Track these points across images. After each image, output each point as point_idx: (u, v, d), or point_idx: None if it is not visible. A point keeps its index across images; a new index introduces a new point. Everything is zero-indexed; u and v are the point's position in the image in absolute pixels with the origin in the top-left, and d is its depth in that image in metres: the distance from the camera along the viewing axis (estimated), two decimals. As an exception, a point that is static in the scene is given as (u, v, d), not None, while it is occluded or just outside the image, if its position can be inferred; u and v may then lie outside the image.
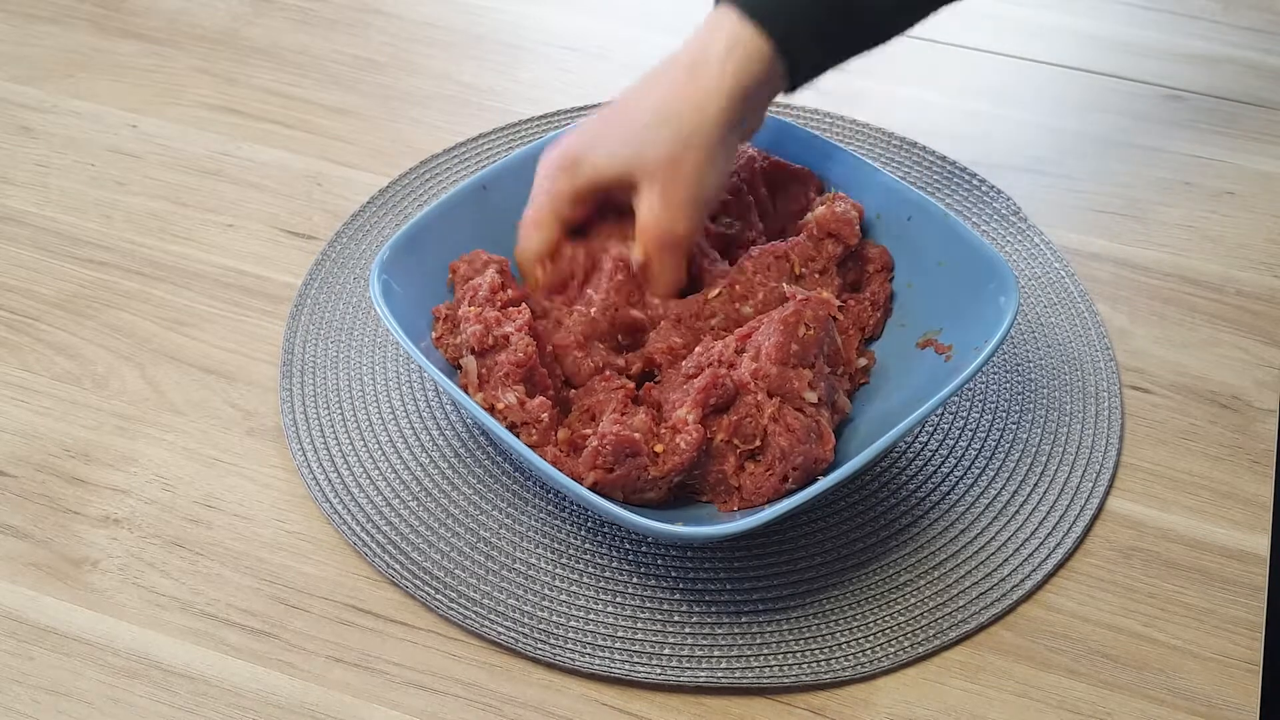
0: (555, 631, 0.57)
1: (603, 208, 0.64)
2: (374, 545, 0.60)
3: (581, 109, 0.84)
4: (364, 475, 0.63)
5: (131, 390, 0.68)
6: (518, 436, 0.58)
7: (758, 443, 0.57)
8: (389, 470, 0.64)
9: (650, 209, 0.60)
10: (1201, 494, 0.64)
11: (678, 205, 0.60)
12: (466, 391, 0.59)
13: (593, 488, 0.56)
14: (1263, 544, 0.62)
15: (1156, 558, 0.62)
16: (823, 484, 0.54)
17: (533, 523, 0.62)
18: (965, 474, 0.64)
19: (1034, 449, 0.65)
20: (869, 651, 0.57)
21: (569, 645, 0.57)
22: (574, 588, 0.59)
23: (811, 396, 0.58)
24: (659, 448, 0.57)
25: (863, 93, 0.86)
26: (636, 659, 0.57)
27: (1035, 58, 0.91)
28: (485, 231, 0.66)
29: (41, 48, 0.89)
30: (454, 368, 0.61)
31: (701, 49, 0.60)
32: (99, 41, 0.90)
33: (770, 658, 0.57)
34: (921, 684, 0.57)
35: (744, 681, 0.56)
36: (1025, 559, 0.61)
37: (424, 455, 0.64)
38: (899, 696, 0.57)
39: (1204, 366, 0.70)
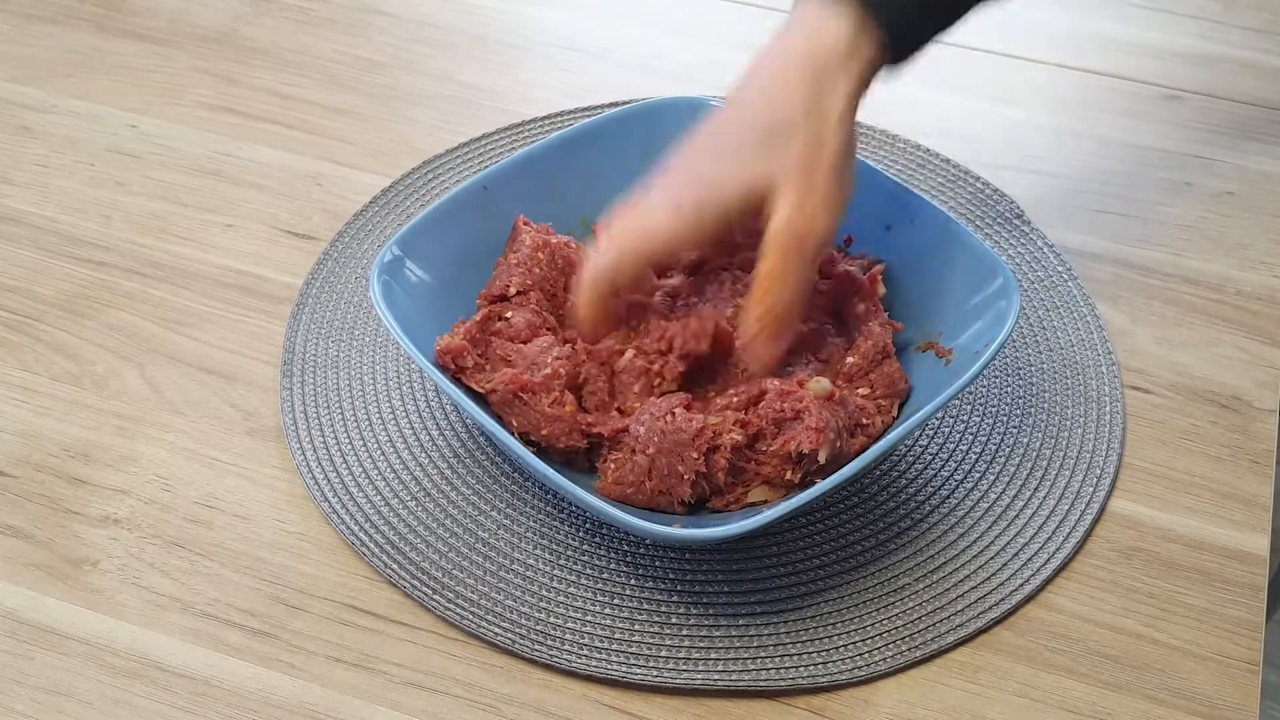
0: (553, 633, 0.57)
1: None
2: (373, 546, 0.60)
3: (582, 109, 0.84)
4: (363, 476, 0.63)
5: (131, 390, 0.68)
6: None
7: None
8: (388, 471, 0.64)
9: (789, 207, 0.56)
10: (1201, 494, 0.64)
11: (819, 201, 0.56)
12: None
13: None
14: (1263, 544, 0.62)
15: (1156, 558, 0.62)
16: (822, 486, 0.54)
17: (531, 524, 0.62)
18: (965, 477, 0.64)
19: (1035, 453, 0.65)
20: (867, 655, 0.57)
21: (566, 646, 0.57)
22: (572, 589, 0.59)
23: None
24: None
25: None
26: (634, 661, 0.57)
27: (1035, 58, 0.91)
28: (486, 232, 0.66)
29: (41, 48, 0.89)
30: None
31: (823, 51, 0.57)
32: (99, 41, 0.90)
33: (768, 660, 0.57)
34: (922, 684, 0.57)
35: (741, 684, 0.56)
36: (1025, 563, 0.61)
37: (423, 456, 0.64)
38: (899, 697, 0.57)
39: (1204, 366, 0.70)
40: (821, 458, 0.56)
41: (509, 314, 0.62)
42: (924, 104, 0.86)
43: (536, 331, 0.62)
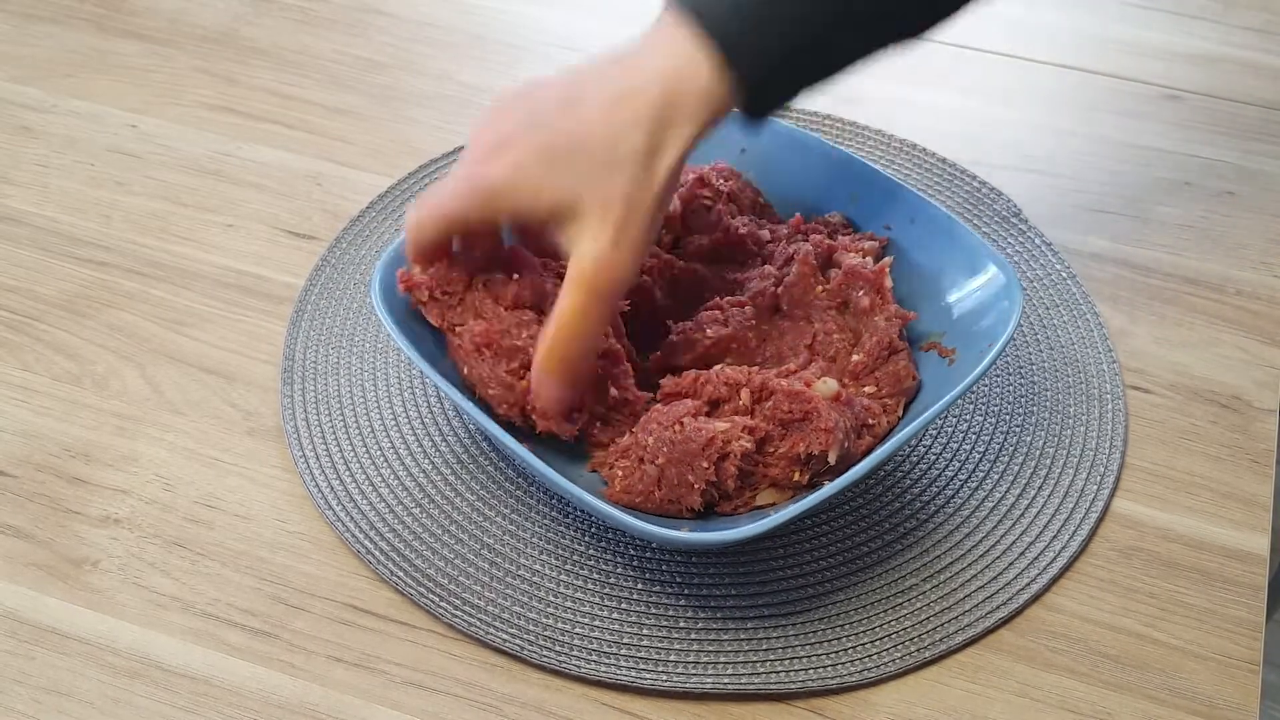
0: (560, 638, 0.57)
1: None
2: (377, 552, 0.60)
3: (581, 109, 0.84)
4: (366, 482, 0.63)
5: (131, 390, 0.68)
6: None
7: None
8: (391, 477, 0.63)
9: (596, 246, 0.54)
10: (1201, 494, 0.64)
11: (631, 245, 0.54)
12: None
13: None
14: (1263, 544, 0.62)
15: (1157, 558, 0.62)
16: (829, 489, 0.54)
17: (536, 529, 0.62)
18: (969, 478, 0.64)
19: (1038, 452, 0.65)
20: (875, 656, 0.57)
21: (574, 652, 0.57)
22: (579, 594, 0.59)
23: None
24: None
25: (861, 94, 0.86)
26: (643, 666, 0.57)
27: (1035, 58, 0.91)
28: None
29: (41, 48, 0.89)
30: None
31: (679, 88, 0.54)
32: (99, 41, 0.90)
33: (777, 663, 0.57)
34: (922, 684, 0.57)
35: (750, 687, 0.56)
36: (1031, 562, 0.61)
37: (426, 461, 0.64)
38: (899, 696, 0.57)
39: (1204, 366, 0.70)
40: (831, 459, 0.56)
41: (515, 275, 0.60)
42: (924, 104, 0.86)
43: (520, 306, 0.60)
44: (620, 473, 0.58)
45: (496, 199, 0.56)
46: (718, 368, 0.60)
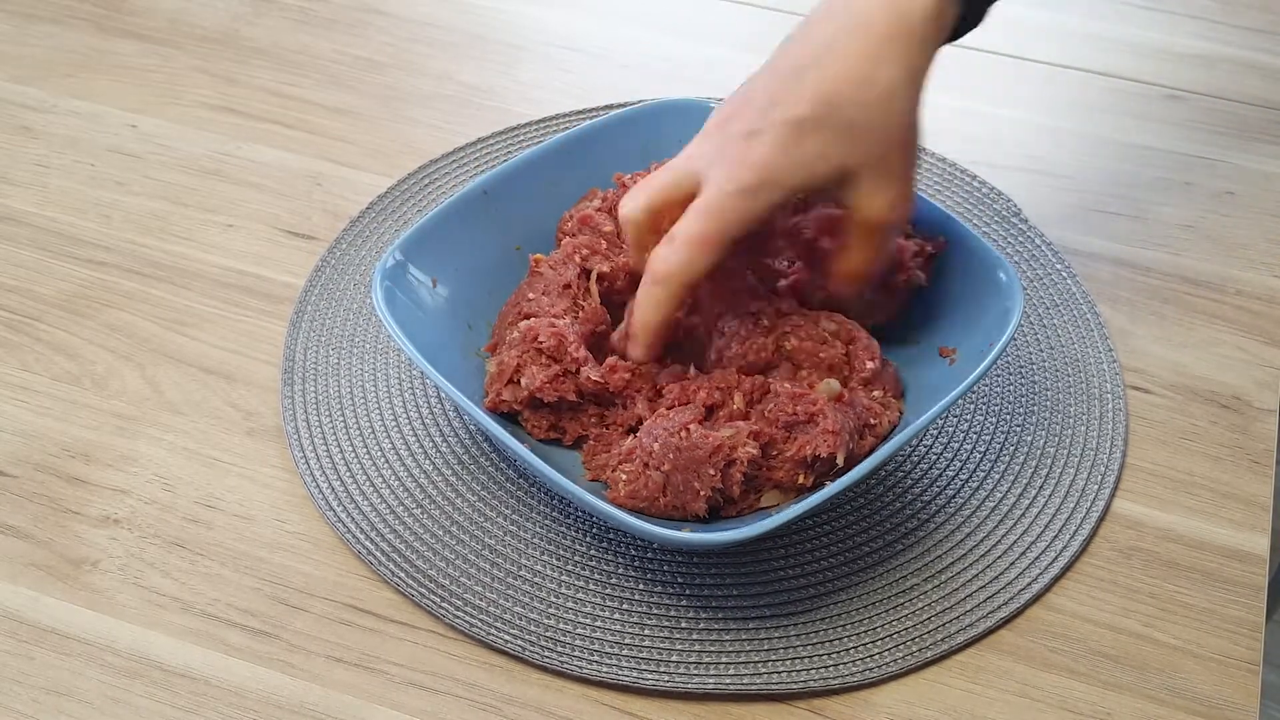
0: (561, 639, 0.57)
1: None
2: (378, 553, 0.60)
3: (582, 110, 0.84)
4: (367, 483, 0.63)
5: (131, 390, 0.68)
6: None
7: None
8: (392, 478, 0.63)
9: (883, 196, 0.55)
10: (1201, 494, 0.64)
11: (909, 187, 0.56)
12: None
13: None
14: (1263, 544, 0.62)
15: (1157, 558, 0.62)
16: (830, 489, 0.54)
17: (538, 529, 0.62)
18: (970, 478, 0.64)
19: (1039, 452, 0.65)
20: (877, 656, 0.57)
21: (575, 653, 0.57)
22: (580, 595, 0.59)
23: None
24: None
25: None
26: (644, 666, 0.56)
27: (1035, 58, 0.91)
28: (487, 237, 0.66)
29: (41, 48, 0.89)
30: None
31: (900, 17, 0.52)
32: (99, 41, 0.90)
33: (778, 663, 0.57)
34: (922, 684, 0.57)
35: (751, 688, 0.56)
36: (1032, 562, 0.61)
37: (427, 462, 0.64)
38: (899, 696, 0.57)
39: (1204, 366, 0.70)
40: (839, 460, 0.56)
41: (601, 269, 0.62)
42: (924, 104, 0.86)
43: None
44: (625, 477, 0.58)
45: (769, 191, 0.54)
46: (717, 373, 0.60)
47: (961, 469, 0.64)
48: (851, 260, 0.59)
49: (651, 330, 0.58)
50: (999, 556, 0.61)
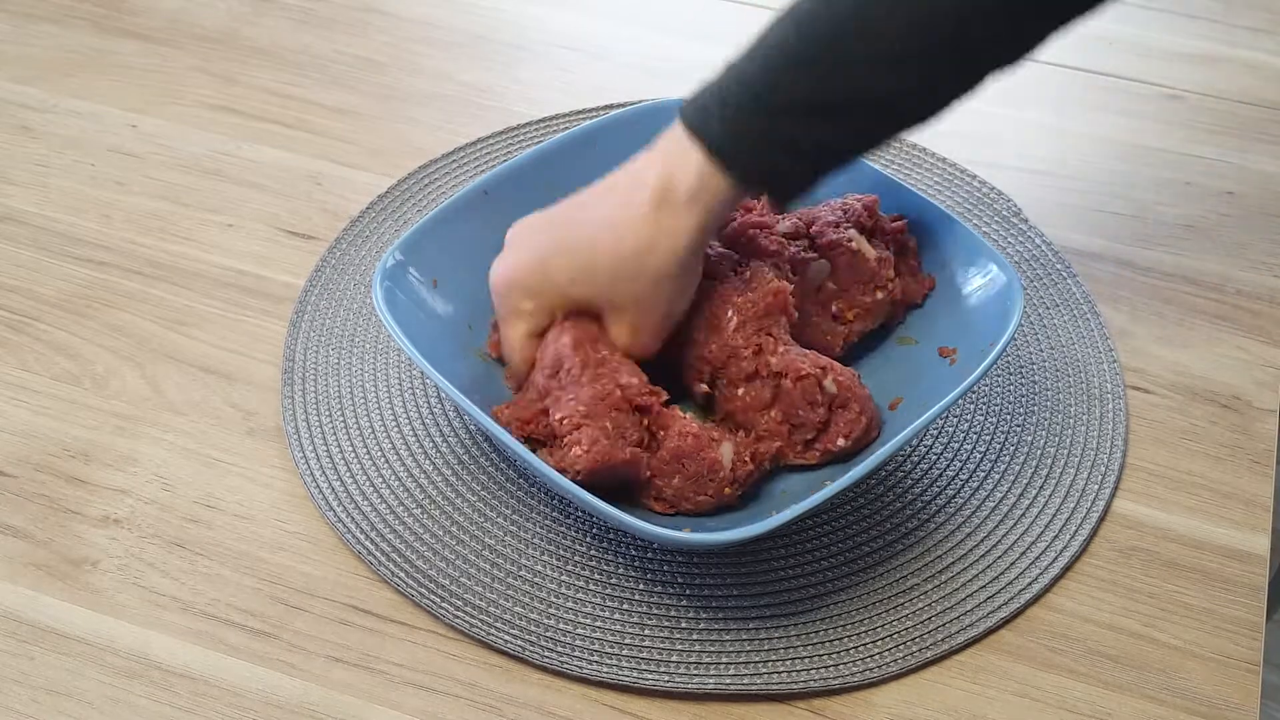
0: (562, 639, 0.57)
1: None
2: (378, 553, 0.60)
3: (582, 110, 0.84)
4: (367, 483, 0.63)
5: (131, 390, 0.68)
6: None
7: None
8: (392, 479, 0.63)
9: (620, 337, 0.60)
10: (1201, 494, 0.64)
11: (649, 332, 0.60)
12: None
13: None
14: (1263, 544, 0.62)
15: (1157, 558, 0.62)
16: (831, 489, 0.54)
17: (538, 530, 0.62)
18: (970, 477, 0.64)
19: (1039, 451, 0.65)
20: (877, 656, 0.57)
21: (575, 653, 0.57)
22: (580, 595, 0.59)
23: None
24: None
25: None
26: (644, 666, 0.56)
27: (1036, 58, 0.91)
28: (487, 237, 0.66)
29: (41, 48, 0.89)
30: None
31: (667, 184, 0.56)
32: (99, 41, 0.90)
33: (778, 663, 0.57)
34: (922, 684, 0.57)
35: (753, 688, 0.56)
36: (1032, 562, 0.61)
37: (427, 463, 0.64)
38: (899, 696, 0.57)
39: (1204, 366, 0.70)
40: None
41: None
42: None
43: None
44: (582, 442, 0.58)
45: (539, 294, 0.60)
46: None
47: (961, 469, 0.64)
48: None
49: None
50: (999, 556, 0.61)
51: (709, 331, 0.61)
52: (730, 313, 0.61)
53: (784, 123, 0.55)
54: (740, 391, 0.60)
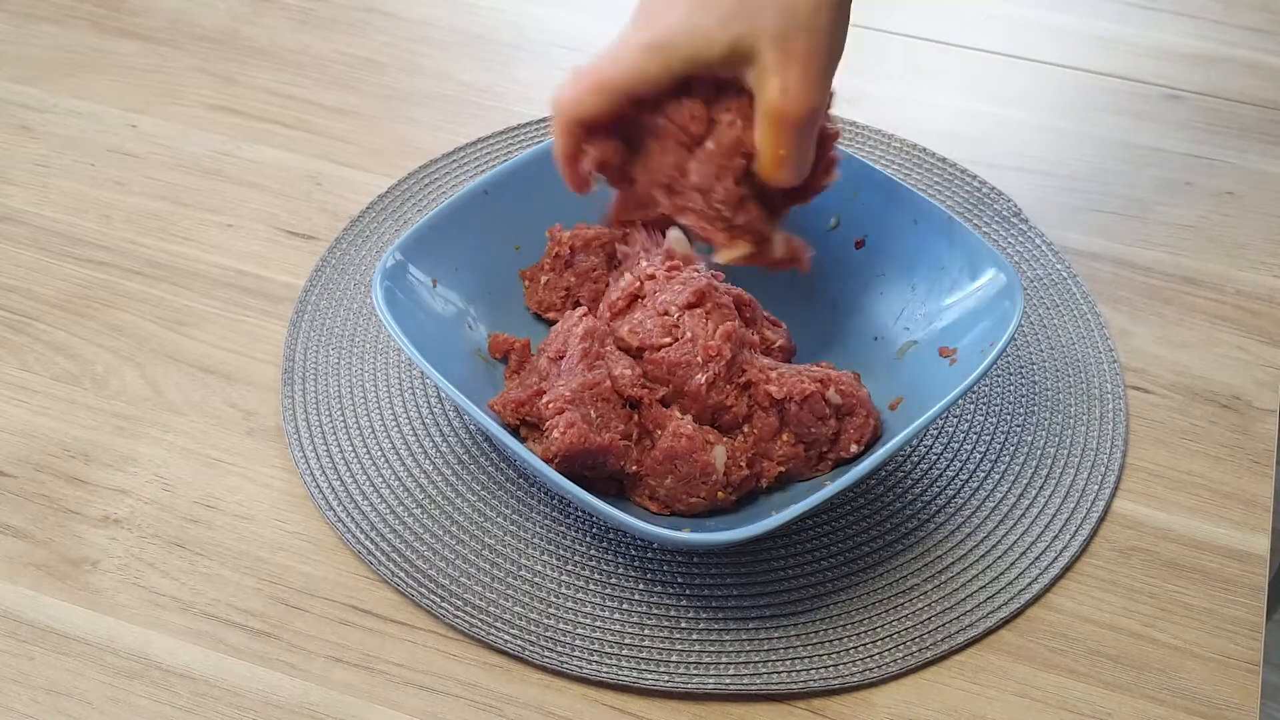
0: (561, 639, 0.57)
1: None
2: (378, 553, 0.60)
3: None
4: (367, 483, 0.63)
5: (131, 390, 0.68)
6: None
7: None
8: (392, 478, 0.63)
9: (787, 81, 0.52)
10: (1202, 494, 0.64)
11: (821, 75, 0.52)
12: None
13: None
14: (1263, 544, 0.62)
15: (1157, 558, 0.62)
16: (831, 489, 0.54)
17: (538, 529, 0.62)
18: (970, 477, 0.64)
19: (1039, 452, 0.65)
20: (877, 656, 0.57)
21: (575, 653, 0.57)
22: (580, 595, 0.59)
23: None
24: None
25: (861, 94, 0.86)
26: (644, 666, 0.56)
27: (1035, 58, 0.91)
28: (487, 237, 0.66)
29: (41, 48, 0.89)
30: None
31: None
32: (99, 41, 0.90)
33: (778, 663, 0.57)
34: (923, 684, 0.57)
35: (752, 688, 0.56)
36: (1032, 562, 0.61)
37: (427, 462, 0.64)
38: (899, 696, 0.57)
39: (1204, 366, 0.70)
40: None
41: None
42: (924, 104, 0.86)
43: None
44: (560, 426, 0.57)
45: (667, 53, 0.53)
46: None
47: (961, 469, 0.64)
48: (763, 155, 0.55)
49: (559, 161, 0.58)
50: (999, 556, 0.61)
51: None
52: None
53: None
54: (747, 429, 0.60)
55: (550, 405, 0.57)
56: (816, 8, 0.52)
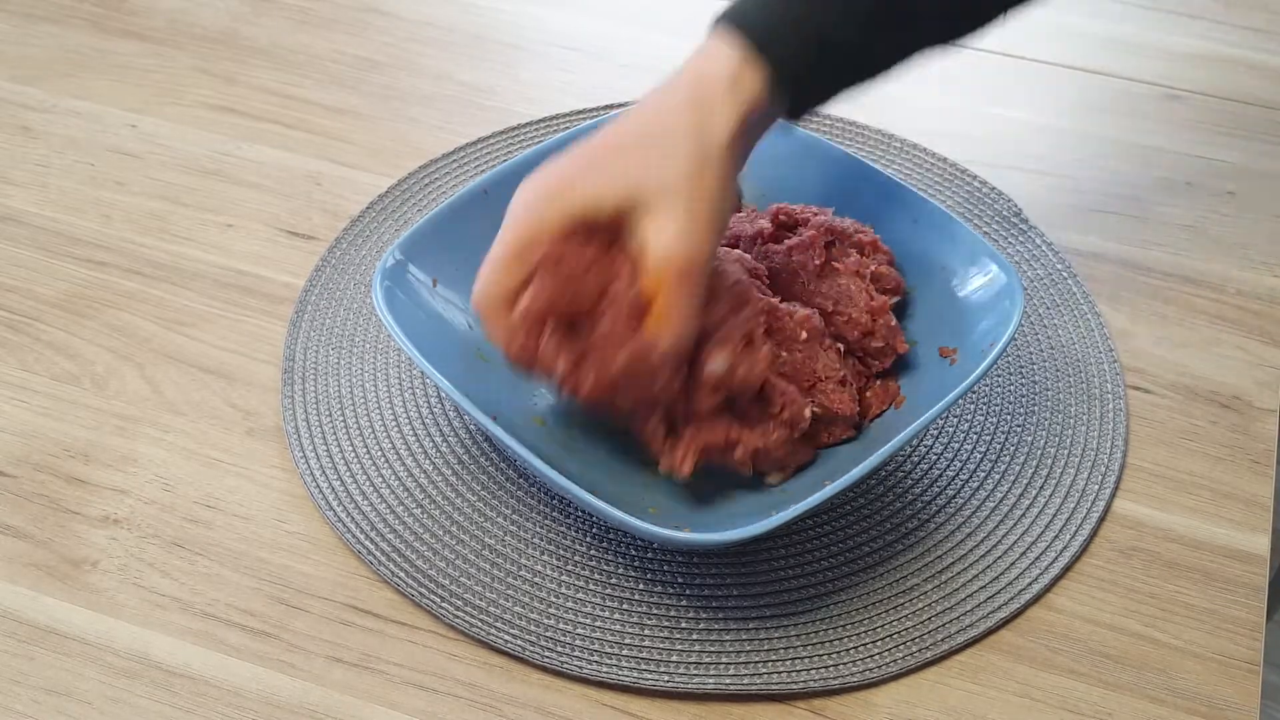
0: (562, 639, 0.57)
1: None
2: (378, 553, 0.60)
3: (582, 110, 0.84)
4: (367, 483, 0.63)
5: (131, 390, 0.68)
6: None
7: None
8: (392, 478, 0.63)
9: (667, 232, 0.53)
10: (1202, 494, 0.64)
11: (702, 225, 0.53)
12: None
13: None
14: (1263, 544, 0.62)
15: (1157, 558, 0.62)
16: (831, 489, 0.54)
17: (538, 529, 0.62)
18: (971, 477, 0.64)
19: (1039, 451, 0.65)
20: (877, 656, 0.57)
21: (575, 653, 0.57)
22: (580, 595, 0.59)
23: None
24: None
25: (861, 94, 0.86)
26: (644, 666, 0.56)
27: (1035, 58, 0.91)
28: (487, 237, 0.66)
29: (41, 48, 0.89)
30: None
31: (702, 82, 0.55)
32: (99, 41, 0.90)
33: (778, 663, 0.57)
34: (922, 684, 0.57)
35: (752, 688, 0.56)
36: (1032, 562, 0.61)
37: (427, 462, 0.64)
38: (900, 696, 0.56)
39: (1204, 366, 0.70)
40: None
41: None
42: (924, 104, 0.86)
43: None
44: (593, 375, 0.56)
45: (568, 192, 0.54)
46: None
47: (961, 469, 0.64)
48: (655, 316, 0.54)
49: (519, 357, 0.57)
50: (999, 556, 0.61)
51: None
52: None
53: (818, 9, 0.54)
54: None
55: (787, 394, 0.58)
56: (702, 168, 0.54)
